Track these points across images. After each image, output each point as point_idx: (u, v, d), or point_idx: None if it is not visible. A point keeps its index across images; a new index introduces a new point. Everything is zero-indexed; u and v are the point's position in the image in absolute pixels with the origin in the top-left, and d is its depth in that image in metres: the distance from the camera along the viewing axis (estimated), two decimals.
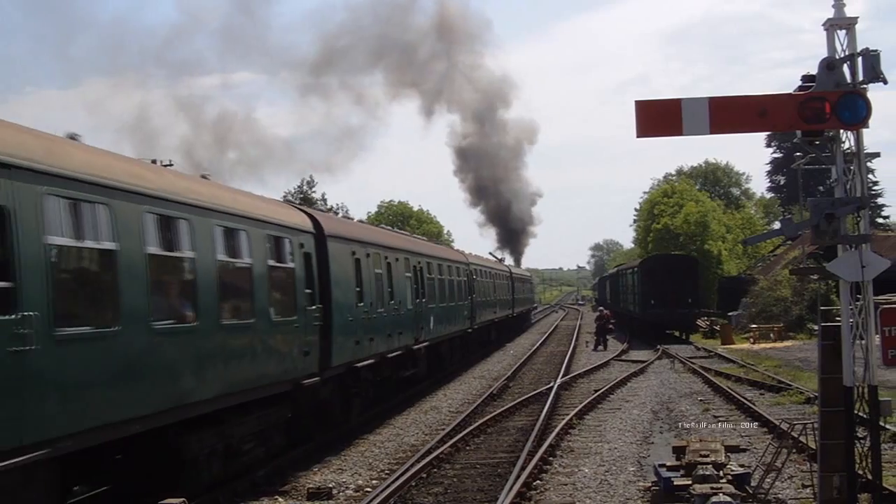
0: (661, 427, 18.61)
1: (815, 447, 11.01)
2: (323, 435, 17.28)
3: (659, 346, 38.92)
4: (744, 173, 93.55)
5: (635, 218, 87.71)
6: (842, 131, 9.11)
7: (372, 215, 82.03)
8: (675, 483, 12.01)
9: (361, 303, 18.85)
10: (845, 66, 8.99)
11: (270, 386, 13.87)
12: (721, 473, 12.10)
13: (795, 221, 10.25)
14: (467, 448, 16.76)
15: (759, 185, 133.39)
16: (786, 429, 13.19)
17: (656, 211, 69.65)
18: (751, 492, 11.97)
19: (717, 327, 46.91)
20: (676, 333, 47.13)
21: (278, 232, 14.60)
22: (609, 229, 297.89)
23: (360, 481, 14.21)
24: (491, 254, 62.14)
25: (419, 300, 25.06)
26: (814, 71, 9.09)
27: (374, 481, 14.15)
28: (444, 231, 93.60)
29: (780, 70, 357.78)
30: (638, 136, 8.96)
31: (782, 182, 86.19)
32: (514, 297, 54.10)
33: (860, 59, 8.93)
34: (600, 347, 41.30)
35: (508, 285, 51.46)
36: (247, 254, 13.21)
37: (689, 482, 11.80)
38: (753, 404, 20.44)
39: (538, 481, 13.57)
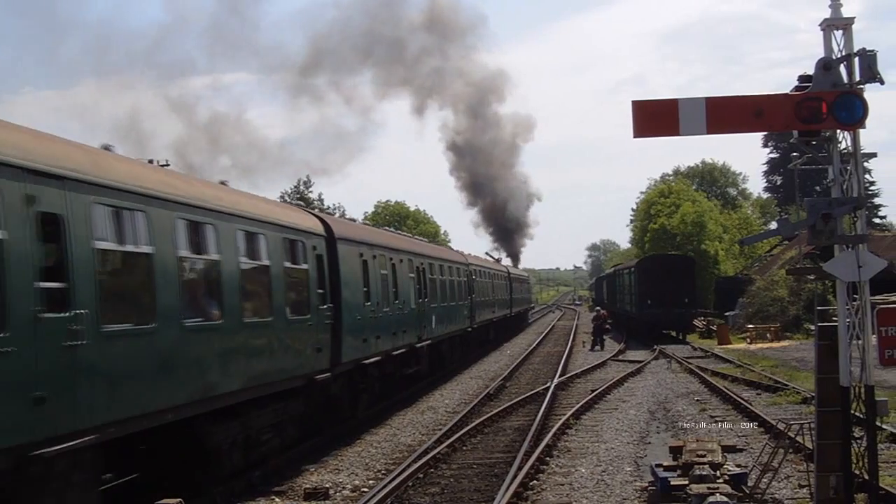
0: (658, 427, 18.62)
1: (811, 447, 11.00)
2: (332, 428, 17.97)
3: (656, 347, 38.93)
4: (740, 173, 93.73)
5: (632, 218, 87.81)
6: (838, 131, 9.11)
7: (369, 215, 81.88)
8: (672, 483, 12.02)
9: (369, 302, 19.69)
10: (842, 66, 8.99)
11: (286, 381, 14.65)
12: (718, 473, 12.11)
13: (792, 221, 10.25)
14: (464, 448, 16.76)
15: (756, 185, 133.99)
16: (782, 429, 13.18)
17: (653, 211, 69.69)
18: (747, 492, 11.96)
19: (714, 327, 46.96)
20: (673, 333, 47.13)
21: (293, 235, 15.39)
22: (606, 229, 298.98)
23: (357, 481, 14.20)
24: (487, 254, 62.22)
25: (422, 300, 25.82)
26: (810, 71, 9.08)
27: (371, 481, 14.15)
28: (441, 231, 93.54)
29: (777, 70, 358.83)
30: (635, 137, 8.95)
31: (779, 182, 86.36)
32: (512, 297, 54.70)
33: (857, 60, 8.92)
34: (597, 347, 41.33)
35: (506, 285, 51.92)
36: (265, 256, 14.05)
37: (686, 482, 11.80)
38: (750, 404, 20.45)
39: (535, 481, 13.57)
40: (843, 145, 9.17)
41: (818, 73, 8.99)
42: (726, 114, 9.08)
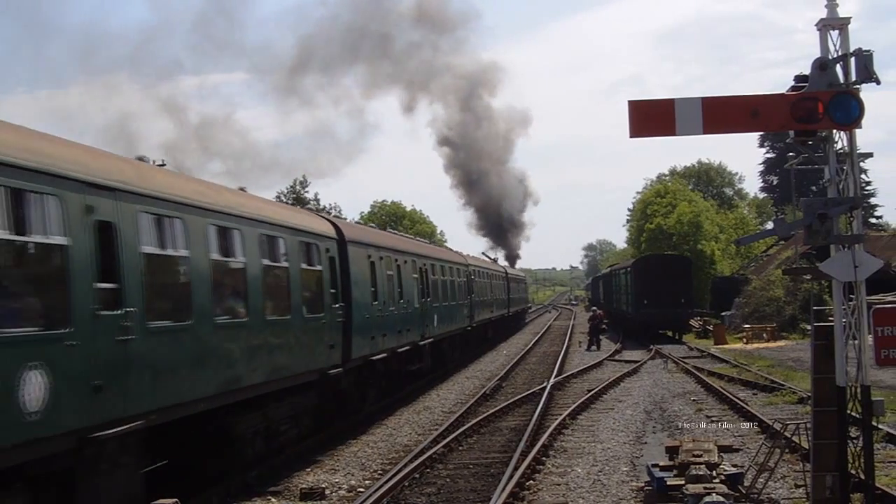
0: (654, 427, 18.63)
1: (807, 447, 11.01)
2: (342, 421, 18.91)
3: (652, 346, 38.95)
4: (737, 173, 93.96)
5: (628, 218, 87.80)
6: (834, 131, 9.11)
7: (365, 215, 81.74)
8: (669, 483, 12.02)
9: (376, 301, 20.71)
10: (838, 66, 8.98)
11: (302, 375, 15.59)
12: (714, 473, 12.12)
13: (788, 221, 10.25)
14: (460, 448, 16.76)
15: (752, 185, 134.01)
16: (779, 429, 13.19)
17: (649, 211, 69.70)
18: (744, 492, 11.97)
19: (710, 327, 46.99)
20: (669, 333, 47.16)
21: (308, 238, 16.43)
22: (602, 229, 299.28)
23: (353, 481, 14.19)
24: (484, 254, 62.29)
25: (424, 300, 26.72)
26: (807, 71, 9.09)
27: (367, 481, 14.14)
28: (438, 231, 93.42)
29: (773, 70, 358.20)
30: (631, 137, 8.95)
31: (775, 182, 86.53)
32: (510, 297, 55.11)
33: (853, 60, 8.91)
34: (593, 347, 41.32)
35: (504, 286, 52.33)
36: (284, 258, 15.11)
37: (683, 482, 11.81)
38: (746, 404, 20.46)
39: (531, 481, 13.56)
40: (839, 145, 9.17)
41: (814, 73, 8.99)
42: (722, 114, 9.08)
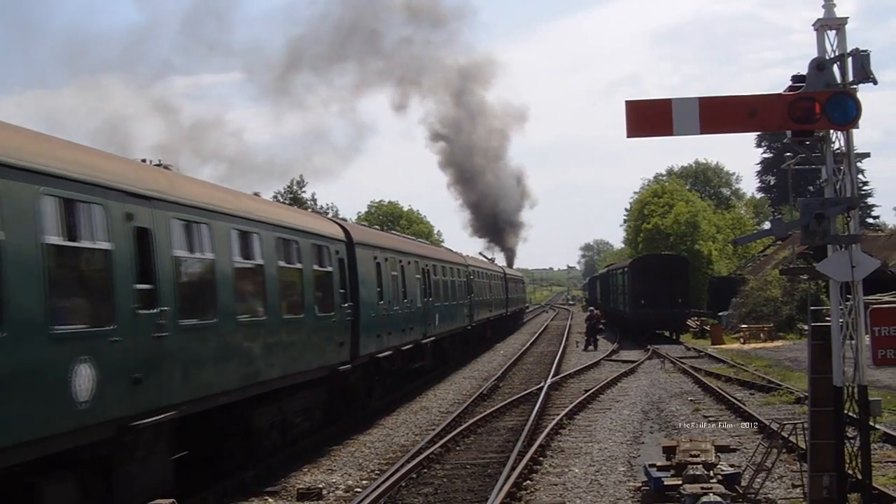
0: (652, 427, 18.62)
1: (804, 447, 11.02)
2: (350, 416, 19.72)
3: (649, 346, 38.96)
4: (734, 173, 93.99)
5: (625, 218, 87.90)
6: (832, 131, 9.11)
7: (362, 215, 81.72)
8: (666, 483, 12.02)
9: (382, 301, 21.55)
10: (835, 66, 8.99)
11: (314, 370, 16.43)
12: (711, 473, 12.10)
13: (785, 221, 10.25)
14: (457, 448, 16.75)
15: (750, 185, 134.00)
16: (776, 428, 13.19)
17: (646, 211, 69.77)
18: (741, 491, 11.97)
19: (707, 327, 46.96)
20: (666, 333, 47.16)
21: (320, 241, 17.24)
22: (599, 229, 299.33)
23: (350, 482, 14.18)
24: (481, 254, 62.33)
25: (427, 299, 27.48)
26: (804, 71, 9.09)
27: (364, 482, 14.13)
28: (435, 231, 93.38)
29: (771, 70, 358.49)
30: (628, 137, 8.95)
31: (772, 182, 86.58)
32: (508, 297, 55.55)
33: (850, 60, 8.92)
34: (590, 347, 41.29)
35: (502, 286, 52.63)
36: (298, 260, 15.84)
37: (680, 482, 11.80)
38: (743, 404, 20.47)
39: (528, 481, 13.55)
40: (836, 145, 9.17)
41: (811, 73, 9.00)
42: (720, 114, 9.09)
